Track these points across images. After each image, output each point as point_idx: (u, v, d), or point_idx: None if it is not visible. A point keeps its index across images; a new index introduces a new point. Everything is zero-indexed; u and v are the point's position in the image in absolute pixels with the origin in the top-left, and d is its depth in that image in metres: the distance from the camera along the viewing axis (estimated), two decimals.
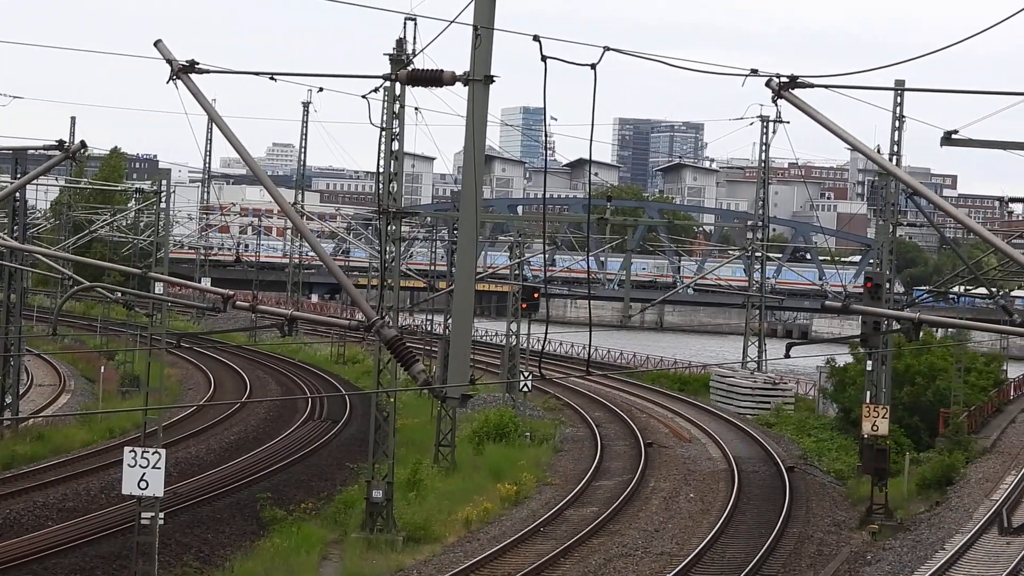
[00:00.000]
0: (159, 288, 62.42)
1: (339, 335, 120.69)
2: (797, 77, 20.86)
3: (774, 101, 21.00)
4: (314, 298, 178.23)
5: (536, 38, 21.15)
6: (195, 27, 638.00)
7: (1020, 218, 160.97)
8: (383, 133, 57.88)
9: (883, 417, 64.36)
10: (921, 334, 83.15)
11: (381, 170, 58.10)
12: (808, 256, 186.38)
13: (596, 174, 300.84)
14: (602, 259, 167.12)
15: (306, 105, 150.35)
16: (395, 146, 57.76)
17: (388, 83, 53.03)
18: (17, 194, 72.90)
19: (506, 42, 21.07)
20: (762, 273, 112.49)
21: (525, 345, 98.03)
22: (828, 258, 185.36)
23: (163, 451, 41.39)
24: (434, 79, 21.60)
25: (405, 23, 54.07)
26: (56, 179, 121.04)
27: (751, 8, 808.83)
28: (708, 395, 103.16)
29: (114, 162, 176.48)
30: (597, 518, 58.50)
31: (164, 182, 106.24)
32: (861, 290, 78.49)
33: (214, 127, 25.92)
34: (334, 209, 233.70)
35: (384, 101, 57.84)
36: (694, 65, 22.25)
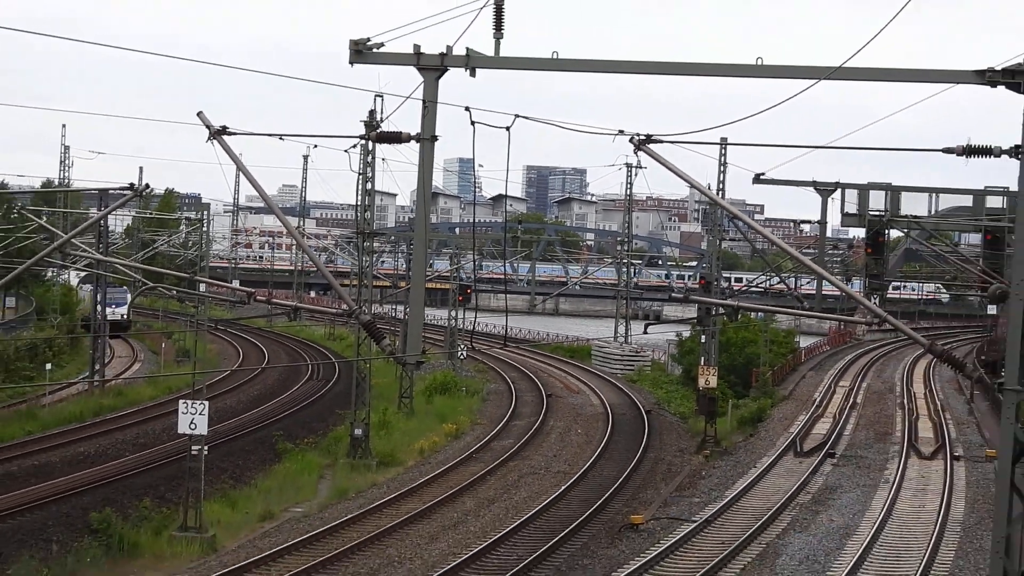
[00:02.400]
0: (202, 287, 62.13)
1: (330, 320, 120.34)
2: (651, 135, 20.87)
3: (635, 153, 21.06)
4: (312, 294, 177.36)
5: (467, 109, 21.15)
6: (226, 100, 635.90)
7: (808, 234, 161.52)
8: (360, 177, 57.83)
9: (713, 375, 64.72)
10: (739, 316, 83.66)
11: (359, 203, 58.04)
12: (660, 262, 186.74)
13: (511, 205, 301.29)
14: (515, 265, 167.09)
15: (306, 157, 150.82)
16: (369, 186, 57.71)
17: (363, 141, 53.02)
18: (101, 221, 72.45)
19: (446, 111, 20.99)
20: (627, 274, 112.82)
21: (461, 326, 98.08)
22: (674, 263, 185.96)
23: (206, 403, 41.21)
24: (396, 138, 21.54)
25: (375, 99, 53.97)
26: (129, 211, 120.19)
27: (624, 83, 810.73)
28: (591, 360, 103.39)
29: (167, 199, 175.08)
30: (513, 447, 58.60)
31: (205, 213, 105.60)
32: (697, 285, 78.87)
33: (240, 173, 25.66)
34: (326, 231, 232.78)
35: (360, 154, 57.79)
36: (579, 127, 22.25)
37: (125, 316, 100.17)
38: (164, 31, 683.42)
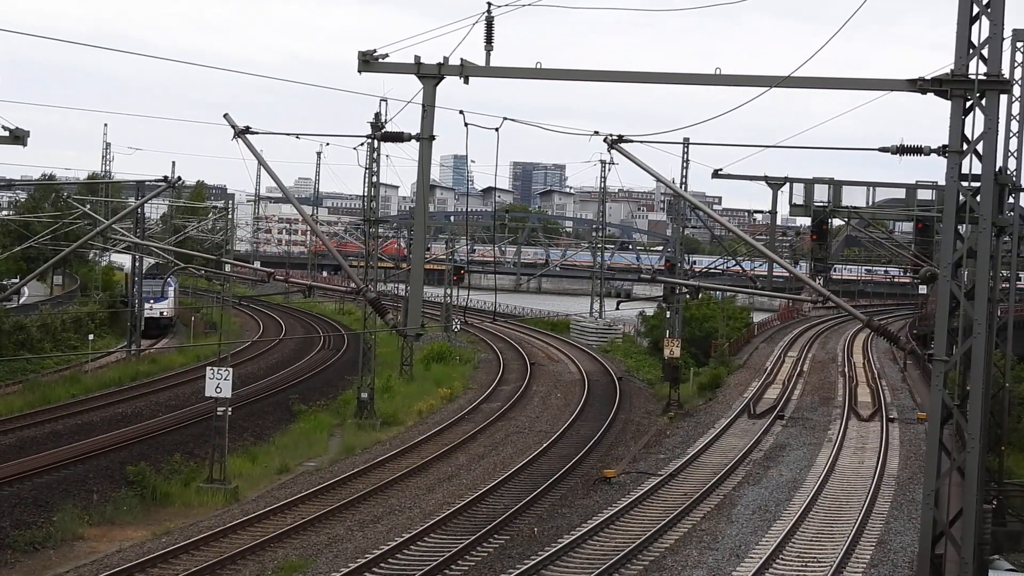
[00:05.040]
0: (227, 268, 61.98)
1: (340, 297, 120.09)
2: (623, 136, 20.86)
3: (609, 151, 21.02)
4: (324, 274, 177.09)
5: (462, 112, 21.14)
6: (251, 101, 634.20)
7: (760, 223, 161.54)
8: (367, 171, 57.71)
9: (677, 346, 64.77)
10: (700, 294, 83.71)
11: (366, 194, 57.92)
12: (630, 247, 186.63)
13: (499, 196, 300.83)
14: (502, 248, 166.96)
15: (319, 153, 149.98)
16: (374, 179, 57.59)
17: (369, 140, 52.87)
18: (139, 209, 72.22)
19: (443, 114, 20.98)
20: (601, 256, 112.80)
21: (455, 302, 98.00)
22: (643, 248, 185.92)
23: (230, 369, 41.15)
24: (398, 138, 21.51)
25: (380, 102, 53.89)
26: (163, 200, 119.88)
27: (599, 90, 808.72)
28: (569, 333, 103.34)
29: (198, 190, 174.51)
30: (500, 409, 58.59)
31: (230, 202, 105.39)
32: (663, 267, 78.89)
33: (262, 167, 25.62)
34: (336, 218, 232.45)
35: (367, 151, 57.66)
36: (559, 128, 22.27)
37: (164, 314, 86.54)
38: (197, 42, 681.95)
